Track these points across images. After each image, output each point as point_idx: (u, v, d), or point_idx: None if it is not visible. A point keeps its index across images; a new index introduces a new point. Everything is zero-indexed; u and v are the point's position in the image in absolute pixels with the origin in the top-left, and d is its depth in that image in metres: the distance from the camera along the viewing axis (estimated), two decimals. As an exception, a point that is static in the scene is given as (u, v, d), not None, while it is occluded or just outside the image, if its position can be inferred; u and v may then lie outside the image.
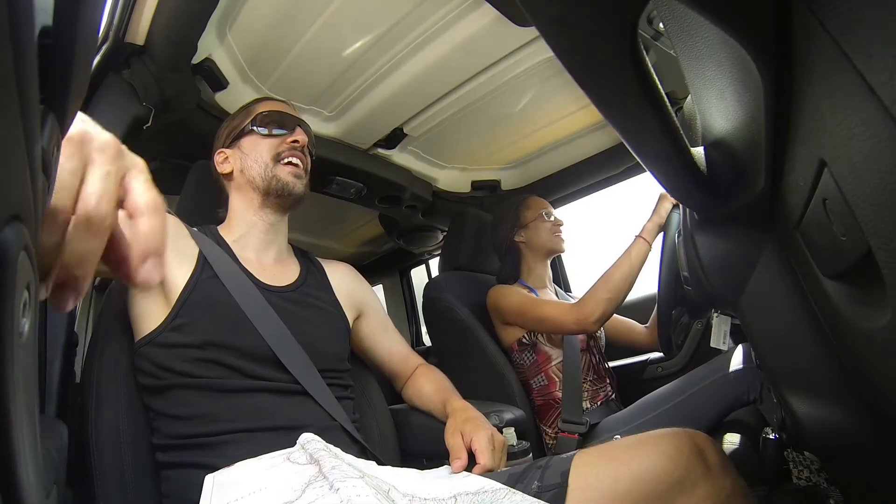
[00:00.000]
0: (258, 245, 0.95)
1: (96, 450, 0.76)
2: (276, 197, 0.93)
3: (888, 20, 0.23)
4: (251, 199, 0.95)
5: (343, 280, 1.05)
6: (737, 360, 1.19)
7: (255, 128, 0.95)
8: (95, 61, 0.99)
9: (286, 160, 0.94)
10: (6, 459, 0.18)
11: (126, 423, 0.79)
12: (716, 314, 1.08)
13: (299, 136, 0.96)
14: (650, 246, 1.30)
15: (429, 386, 1.03)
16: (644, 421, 1.23)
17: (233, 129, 0.98)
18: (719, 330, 1.06)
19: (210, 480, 0.67)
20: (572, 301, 1.41)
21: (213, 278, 0.83)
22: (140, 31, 0.98)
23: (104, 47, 0.99)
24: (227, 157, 0.97)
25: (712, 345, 1.09)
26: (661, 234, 1.27)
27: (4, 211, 0.17)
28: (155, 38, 0.98)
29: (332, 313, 0.97)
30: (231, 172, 0.96)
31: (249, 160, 0.94)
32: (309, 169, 0.99)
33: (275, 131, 0.95)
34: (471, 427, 0.82)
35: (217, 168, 0.98)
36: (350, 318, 1.01)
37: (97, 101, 1.01)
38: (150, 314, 0.80)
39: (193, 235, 0.88)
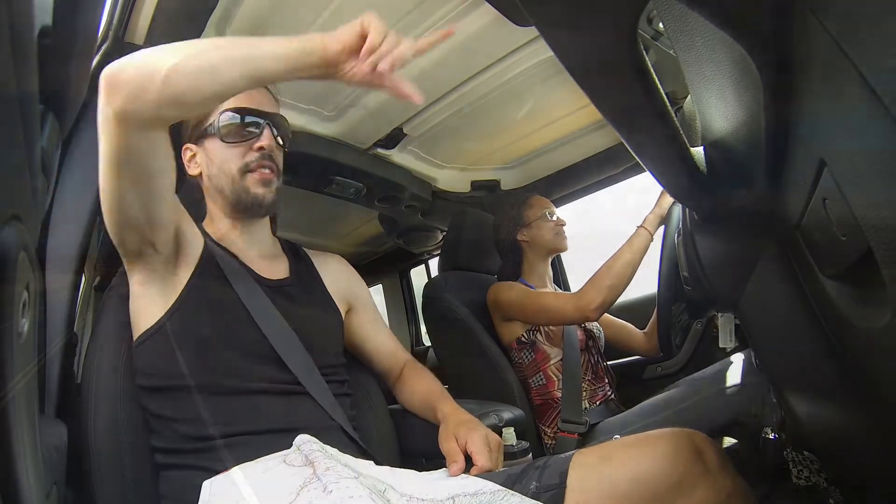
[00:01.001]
0: (240, 243, 0.91)
1: (96, 450, 0.76)
2: (246, 208, 0.88)
3: (888, 20, 0.23)
4: (223, 206, 0.90)
5: (334, 273, 1.03)
6: (739, 372, 1.18)
7: (217, 133, 0.85)
8: (95, 61, 0.98)
9: (255, 170, 0.86)
10: (6, 459, 0.18)
11: (126, 423, 0.79)
12: (720, 315, 1.07)
13: (266, 140, 0.85)
14: (652, 237, 1.30)
15: (418, 389, 1.01)
16: (644, 425, 1.23)
17: (197, 122, 0.89)
18: (725, 329, 1.05)
19: (207, 486, 0.67)
20: None
21: (216, 274, 0.82)
22: (140, 31, 0.97)
23: (104, 47, 0.98)
24: (193, 156, 0.90)
25: (721, 345, 1.07)
26: (663, 227, 1.27)
27: (4, 211, 0.17)
28: (155, 38, 0.98)
29: (326, 307, 0.96)
30: (200, 174, 0.90)
31: (215, 168, 0.87)
32: (282, 165, 0.91)
33: (243, 132, 0.85)
34: (465, 430, 0.81)
35: (185, 166, 0.91)
36: (342, 311, 0.99)
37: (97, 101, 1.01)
38: (149, 312, 0.79)
39: (199, 229, 0.87)
